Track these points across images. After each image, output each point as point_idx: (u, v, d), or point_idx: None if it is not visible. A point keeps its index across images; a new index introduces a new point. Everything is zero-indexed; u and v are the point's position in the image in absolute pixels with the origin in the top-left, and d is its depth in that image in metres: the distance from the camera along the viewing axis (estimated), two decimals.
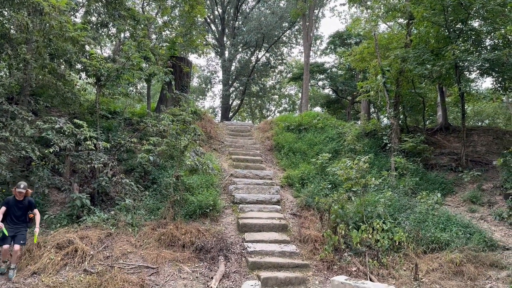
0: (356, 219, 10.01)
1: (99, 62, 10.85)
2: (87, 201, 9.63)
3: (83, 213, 9.65)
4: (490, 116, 26.48)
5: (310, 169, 13.48)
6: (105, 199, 10.70)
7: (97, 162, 9.99)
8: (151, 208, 10.49)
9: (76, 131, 9.88)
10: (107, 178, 10.21)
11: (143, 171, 11.61)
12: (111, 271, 7.57)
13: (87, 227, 9.15)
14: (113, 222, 9.43)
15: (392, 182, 12.22)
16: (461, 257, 8.63)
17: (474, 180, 12.69)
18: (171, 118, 10.29)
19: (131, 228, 9.37)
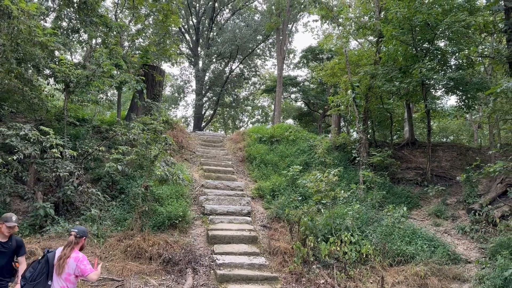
0: (325, 231, 10.12)
1: (68, 68, 10.62)
2: (51, 211, 9.33)
3: (46, 223, 9.34)
4: (455, 132, 27.49)
5: (281, 181, 13.57)
6: (70, 208, 10.38)
7: (63, 171, 9.71)
8: (118, 219, 10.25)
9: (42, 138, 9.58)
10: (72, 187, 9.93)
11: (111, 181, 11.36)
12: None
13: (51, 238, 8.84)
14: None
15: (360, 195, 12.45)
16: (425, 270, 8.85)
17: (439, 195, 13.10)
18: (142, 127, 10.15)
19: (97, 239, 9.12)
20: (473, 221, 11.14)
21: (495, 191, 12.12)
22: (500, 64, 10.63)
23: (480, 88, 13.32)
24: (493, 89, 7.96)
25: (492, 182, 12.89)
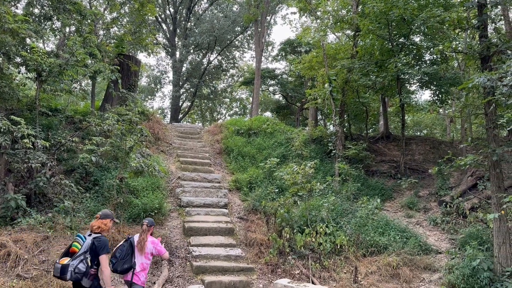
0: (301, 223, 10.24)
1: (40, 57, 10.29)
2: (23, 202, 9.08)
3: (18, 214, 9.11)
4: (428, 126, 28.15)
5: (259, 173, 13.61)
6: (43, 200, 10.14)
7: (35, 162, 9.45)
8: (92, 211, 10.06)
9: (13, 128, 9.29)
10: (45, 179, 9.68)
11: (85, 172, 11.12)
12: (47, 275, 7.18)
13: (22, 230, 8.63)
14: (50, 225, 8.95)
15: (336, 187, 12.63)
16: (397, 261, 9.09)
17: (412, 187, 13.43)
18: (116, 117, 9.96)
19: (70, 231, 8.94)
20: (444, 213, 11.48)
21: (465, 184, 12.51)
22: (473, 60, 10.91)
23: (453, 83, 13.66)
24: (465, 84, 8.17)
25: (463, 175, 13.29)
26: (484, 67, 9.22)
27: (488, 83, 7.50)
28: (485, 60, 9.34)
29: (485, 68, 9.12)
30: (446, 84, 13.94)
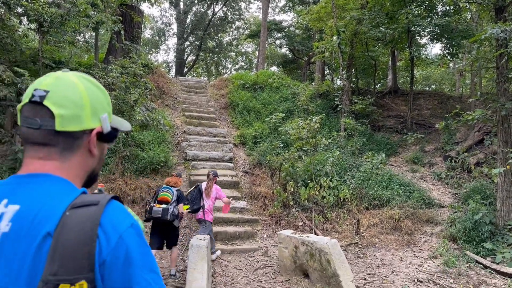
0: (305, 177, 10.33)
1: (41, 6, 10.02)
2: None
3: None
4: (437, 81, 27.62)
5: (264, 128, 13.58)
6: None
7: None
8: None
9: (17, 80, 9.22)
10: None
11: None
12: None
13: None
14: None
15: (341, 142, 12.61)
16: (400, 214, 9.23)
17: (417, 142, 13.39)
18: (120, 70, 9.82)
19: None
20: (449, 167, 11.50)
21: (472, 139, 12.44)
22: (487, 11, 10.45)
23: (465, 35, 13.22)
24: (477, 36, 7.88)
25: (470, 130, 13.18)
26: (498, 18, 8.85)
27: (502, 35, 7.23)
28: (500, 10, 8.96)
29: (499, 19, 8.76)
30: (457, 37, 13.50)
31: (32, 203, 0.85)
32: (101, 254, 0.81)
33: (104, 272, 0.81)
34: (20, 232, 0.82)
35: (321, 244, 6.16)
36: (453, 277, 6.99)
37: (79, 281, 0.76)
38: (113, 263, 0.82)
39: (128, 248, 0.84)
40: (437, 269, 7.35)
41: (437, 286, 6.63)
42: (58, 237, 0.79)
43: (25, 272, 0.79)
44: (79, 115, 0.93)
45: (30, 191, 0.88)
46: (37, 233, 0.81)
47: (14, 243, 0.81)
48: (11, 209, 0.85)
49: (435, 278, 6.95)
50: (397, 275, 7.11)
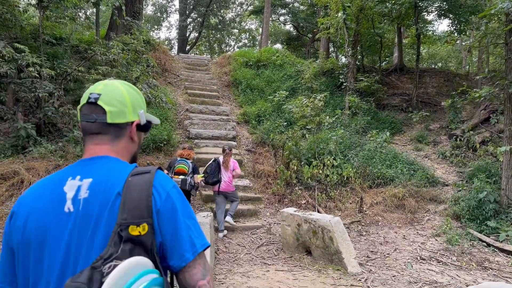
0: (309, 155, 10.27)
1: None
2: (33, 131, 9.17)
3: (29, 143, 9.24)
4: (443, 59, 27.20)
5: (267, 106, 13.46)
6: (53, 130, 10.26)
7: (42, 91, 9.38)
8: None
9: (17, 56, 9.10)
10: (53, 108, 9.68)
11: None
12: None
13: (34, 159, 8.79)
14: (61, 154, 9.10)
15: (345, 121, 12.50)
16: (403, 192, 9.19)
17: (422, 121, 13.25)
18: (121, 46, 9.66)
19: None
20: (454, 146, 11.40)
21: (478, 118, 12.29)
22: None
23: (473, 11, 12.89)
24: (487, 11, 7.65)
25: (476, 108, 13.01)
26: None
27: None
28: None
29: None
30: (466, 13, 13.16)
31: (101, 176, 1.17)
32: (156, 205, 1.14)
33: (159, 218, 1.13)
34: (97, 195, 1.14)
35: (324, 222, 6.14)
36: (456, 255, 6.99)
37: (141, 224, 1.08)
38: (164, 212, 1.14)
39: (173, 201, 1.18)
40: (440, 247, 7.35)
41: (440, 263, 6.64)
42: (125, 195, 1.12)
43: (103, 219, 1.10)
44: (124, 111, 1.27)
45: (97, 168, 1.20)
46: (111, 194, 1.13)
47: (94, 203, 1.13)
48: (86, 182, 1.16)
49: (438, 256, 6.96)
50: (400, 253, 7.12)
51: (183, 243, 1.15)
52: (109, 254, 1.02)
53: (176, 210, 1.16)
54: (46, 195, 1.18)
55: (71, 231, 1.11)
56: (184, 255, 1.15)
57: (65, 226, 1.12)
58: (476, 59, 20.43)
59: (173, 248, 1.15)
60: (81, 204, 1.13)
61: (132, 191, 1.12)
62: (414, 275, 6.06)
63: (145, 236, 1.08)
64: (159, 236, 1.13)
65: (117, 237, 1.05)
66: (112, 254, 1.02)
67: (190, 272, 1.15)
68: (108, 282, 0.94)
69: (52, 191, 1.18)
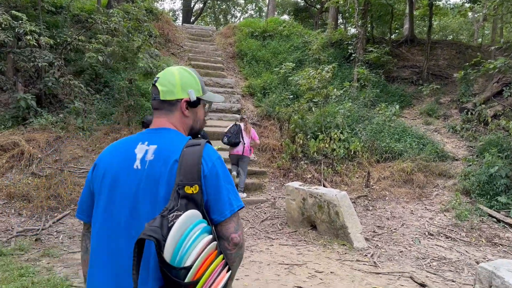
0: (315, 129, 10.03)
1: None
2: (33, 102, 8.98)
3: (29, 115, 9.07)
4: (455, 31, 26.39)
5: (273, 78, 13.11)
6: (54, 101, 10.06)
7: (41, 61, 9.12)
8: (103, 113, 9.99)
9: (14, 23, 8.81)
10: (53, 79, 9.45)
11: (94, 74, 10.86)
12: (61, 174, 7.28)
13: (34, 130, 8.64)
14: (62, 125, 8.94)
15: (353, 94, 12.15)
16: (412, 166, 8.96)
17: (433, 94, 12.87)
18: (122, 14, 9.31)
19: (82, 132, 8.94)
20: (465, 120, 11.07)
21: (490, 91, 11.88)
22: None
23: None
24: None
25: (489, 81, 12.58)
26: None
27: None
28: None
29: None
30: None
31: (164, 144, 1.45)
32: (204, 172, 1.39)
33: (206, 181, 1.39)
34: (160, 159, 1.41)
35: (330, 196, 5.96)
36: (465, 230, 6.82)
37: (194, 185, 1.34)
38: (210, 177, 1.40)
39: (217, 170, 1.43)
40: (448, 223, 7.18)
41: (449, 239, 6.48)
42: (181, 162, 1.37)
43: (164, 179, 1.37)
44: (172, 90, 1.53)
45: (161, 137, 1.48)
46: (170, 159, 1.39)
47: (157, 165, 1.40)
48: (152, 147, 1.44)
49: (446, 231, 6.80)
50: (407, 228, 6.96)
51: (223, 203, 1.42)
52: (171, 206, 1.29)
53: (219, 177, 1.43)
54: (121, 154, 1.49)
55: (138, 184, 1.40)
56: (223, 212, 1.41)
57: (134, 179, 1.41)
58: (488, 31, 19.76)
59: (215, 206, 1.41)
60: (147, 164, 1.42)
61: (186, 159, 1.38)
62: (421, 250, 5.91)
63: (196, 195, 1.35)
64: (205, 195, 1.40)
65: (176, 194, 1.32)
66: (174, 206, 1.29)
67: (226, 226, 1.42)
68: (175, 227, 1.23)
69: (125, 151, 1.48)
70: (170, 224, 1.24)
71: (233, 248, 1.43)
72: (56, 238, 5.56)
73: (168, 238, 1.22)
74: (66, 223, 6.16)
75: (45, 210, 6.40)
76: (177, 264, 1.23)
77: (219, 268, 1.32)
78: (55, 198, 6.67)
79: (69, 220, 6.26)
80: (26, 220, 6.10)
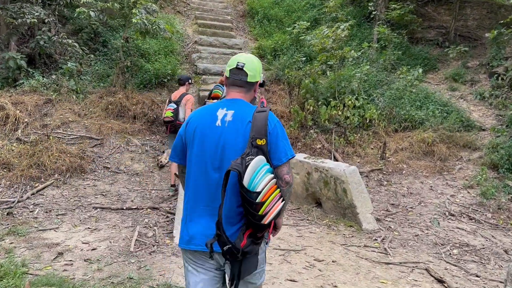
0: (328, 94, 9.17)
1: None
2: (23, 62, 8.38)
3: (20, 76, 8.50)
4: None
5: (285, 39, 12.12)
6: (49, 62, 9.45)
7: (31, 17, 8.42)
8: (101, 75, 9.35)
9: None
10: (46, 37, 8.78)
11: (93, 33, 10.15)
12: (47, 141, 6.73)
13: (24, 92, 8.09)
14: (55, 87, 8.34)
15: (372, 56, 11.12)
16: (434, 137, 8.10)
17: (460, 57, 11.73)
18: None
19: (76, 95, 8.33)
20: (494, 86, 10.01)
21: None
22: None
23: None
24: None
25: None
26: None
27: None
28: None
29: None
30: None
31: (239, 110, 2.06)
32: (268, 130, 1.98)
33: (269, 137, 1.97)
34: (237, 120, 2.02)
35: (337, 171, 5.24)
36: (492, 211, 6.05)
37: (262, 139, 1.93)
38: (272, 134, 1.99)
39: (277, 129, 2.03)
40: (472, 201, 6.40)
41: (472, 221, 5.73)
42: (253, 122, 1.97)
43: (241, 133, 1.98)
44: (255, 75, 2.15)
45: (236, 105, 2.08)
46: (245, 120, 2.00)
47: (235, 124, 2.01)
48: (230, 112, 2.05)
49: (469, 211, 6.04)
50: (425, 207, 6.23)
51: (280, 152, 1.99)
52: (247, 152, 1.88)
53: (278, 134, 2.01)
54: (206, 115, 2.08)
55: (220, 136, 1.99)
56: (280, 159, 1.99)
57: (215, 133, 2.00)
58: None
59: (275, 154, 1.98)
60: (226, 123, 2.01)
61: (257, 120, 1.97)
62: (440, 234, 5.20)
63: (264, 146, 1.93)
64: (269, 146, 1.97)
65: (251, 144, 1.91)
66: (249, 152, 1.88)
67: (281, 169, 1.99)
68: (251, 165, 1.80)
69: (210, 113, 2.07)
70: (247, 163, 1.80)
71: (285, 185, 1.97)
72: (31, 212, 5.06)
73: (246, 172, 1.78)
74: (47, 194, 5.65)
75: (26, 180, 5.89)
76: (251, 189, 1.78)
77: (277, 197, 1.86)
78: (38, 167, 6.14)
79: (50, 191, 5.75)
80: (4, 190, 5.61)
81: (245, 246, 1.84)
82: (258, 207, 1.78)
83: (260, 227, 1.85)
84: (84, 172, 6.35)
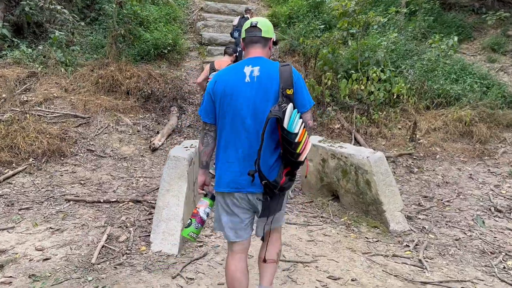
0: (349, 66, 8.03)
1: None
2: (5, 31, 7.52)
3: (5, 46, 7.67)
4: None
5: (301, 5, 10.90)
6: (39, 32, 8.59)
7: None
8: (94, 45, 8.43)
9: None
10: (32, 3, 7.86)
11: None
12: (24, 119, 5.88)
13: (7, 64, 7.24)
14: (41, 59, 7.47)
15: (400, 23, 9.85)
16: (472, 115, 6.97)
17: (499, 25, 10.39)
18: None
19: (64, 67, 7.44)
20: None
21: None
22: None
23: None
24: None
25: None
26: None
27: None
28: None
29: None
30: None
31: (264, 65, 2.22)
32: (293, 80, 2.19)
33: (295, 87, 2.19)
34: (264, 74, 2.19)
35: (358, 159, 4.22)
36: None
37: (290, 88, 2.16)
38: (297, 84, 2.21)
39: (300, 80, 2.25)
40: None
41: None
42: (281, 75, 2.18)
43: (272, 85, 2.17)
44: (268, 31, 2.30)
45: (261, 62, 2.24)
46: (272, 74, 2.19)
47: (263, 78, 2.18)
48: (256, 68, 2.21)
49: None
50: (464, 200, 5.17)
51: (304, 100, 2.25)
52: (280, 101, 2.11)
53: (301, 85, 2.24)
54: (233, 73, 2.26)
55: (251, 91, 2.18)
56: (305, 106, 2.25)
57: (247, 88, 2.19)
58: None
59: (300, 102, 2.23)
60: (255, 78, 2.19)
61: (283, 73, 2.18)
62: (487, 238, 4.17)
63: (291, 95, 2.16)
64: (295, 95, 2.20)
65: (281, 94, 2.13)
66: (282, 101, 2.11)
67: (305, 115, 2.25)
68: (288, 110, 2.05)
69: (237, 71, 2.25)
70: (283, 110, 2.06)
71: (309, 129, 2.27)
72: None
73: (285, 116, 2.04)
74: (16, 183, 4.83)
75: None
76: (291, 130, 2.06)
77: (307, 138, 2.19)
78: (10, 150, 5.31)
79: (20, 179, 4.92)
80: None
81: (284, 182, 2.17)
82: (296, 145, 2.08)
83: (296, 164, 2.18)
84: (64, 156, 5.51)
